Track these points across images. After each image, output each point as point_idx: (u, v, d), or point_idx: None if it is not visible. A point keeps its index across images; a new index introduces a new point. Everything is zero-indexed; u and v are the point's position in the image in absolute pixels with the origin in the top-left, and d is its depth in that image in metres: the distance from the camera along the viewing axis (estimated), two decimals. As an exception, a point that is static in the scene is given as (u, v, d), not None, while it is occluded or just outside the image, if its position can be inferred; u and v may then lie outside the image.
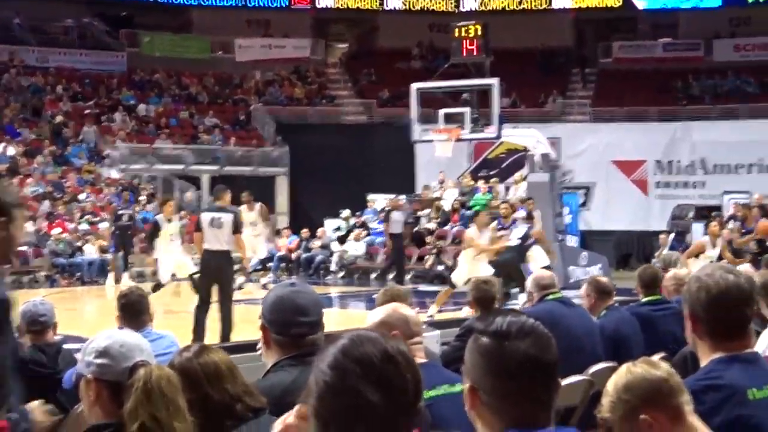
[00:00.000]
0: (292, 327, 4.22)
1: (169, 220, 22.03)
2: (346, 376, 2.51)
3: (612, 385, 3.44)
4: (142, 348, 3.87)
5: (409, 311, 4.84)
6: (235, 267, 16.85)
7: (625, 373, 3.44)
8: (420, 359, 4.64)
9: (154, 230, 21.87)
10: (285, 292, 4.32)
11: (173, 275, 21.99)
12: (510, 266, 20.26)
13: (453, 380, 4.87)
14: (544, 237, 21.94)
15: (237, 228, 15.31)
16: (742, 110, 41.96)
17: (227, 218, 15.23)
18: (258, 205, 24.00)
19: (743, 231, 24.67)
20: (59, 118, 40.13)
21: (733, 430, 3.65)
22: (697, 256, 19.99)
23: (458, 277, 19.75)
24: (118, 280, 27.58)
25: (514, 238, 21.19)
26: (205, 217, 15.51)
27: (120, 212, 28.22)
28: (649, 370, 3.40)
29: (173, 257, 21.78)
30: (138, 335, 4.02)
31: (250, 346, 4.90)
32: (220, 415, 3.84)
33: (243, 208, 23.63)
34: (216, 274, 15.25)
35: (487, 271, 18.35)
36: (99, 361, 3.84)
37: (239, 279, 23.23)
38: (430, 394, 4.62)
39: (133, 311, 7.22)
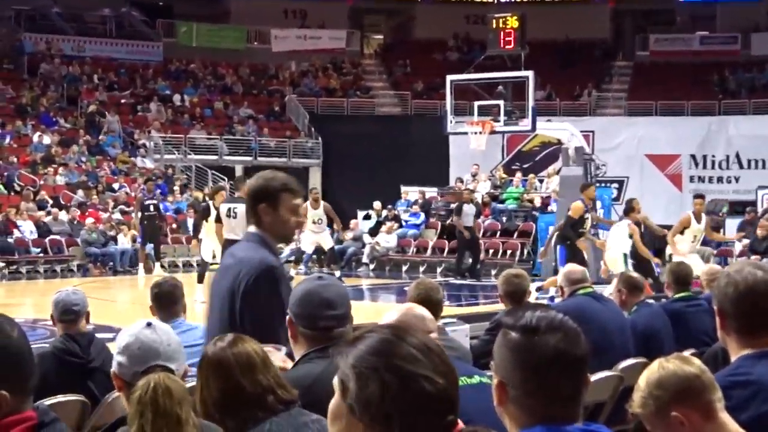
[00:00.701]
0: (319, 320, 4.23)
1: (218, 208, 22.11)
2: (400, 369, 2.50)
3: (644, 380, 3.43)
4: (161, 351, 3.88)
5: (423, 310, 4.83)
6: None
7: (657, 368, 3.42)
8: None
9: (204, 215, 21.86)
10: (312, 286, 4.33)
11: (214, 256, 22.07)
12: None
13: (470, 372, 4.86)
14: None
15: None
16: (779, 105, 41.68)
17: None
18: (323, 203, 24.11)
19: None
20: (92, 107, 40.21)
21: (761, 427, 3.64)
22: (682, 232, 20.05)
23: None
24: (149, 271, 27.67)
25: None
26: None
27: (146, 202, 28.21)
28: (681, 366, 3.39)
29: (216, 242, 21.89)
30: (167, 330, 4.03)
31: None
32: (252, 407, 3.85)
33: (308, 204, 23.70)
34: None
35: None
36: (119, 358, 3.91)
37: (291, 271, 23.42)
38: None
39: (166, 301, 7.25)
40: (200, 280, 20.72)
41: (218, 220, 15.84)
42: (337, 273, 24.43)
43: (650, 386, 3.39)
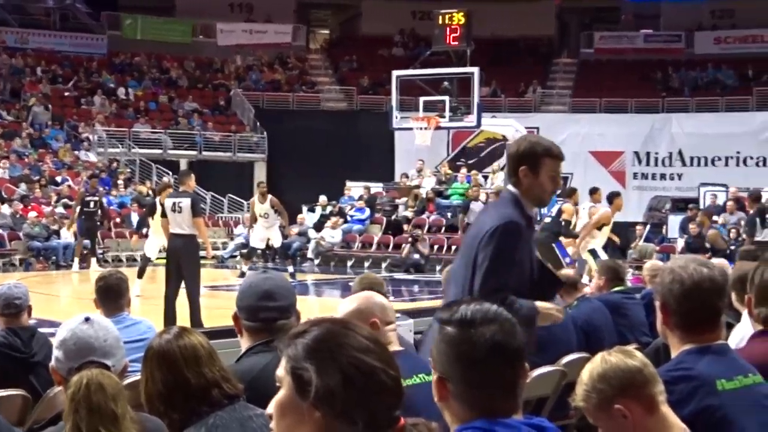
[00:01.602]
0: (260, 312, 4.25)
1: (163, 204, 21.98)
2: (360, 361, 2.49)
3: (587, 374, 3.45)
4: (97, 346, 3.87)
5: (382, 298, 4.83)
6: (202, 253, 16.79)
7: (600, 362, 3.45)
8: (396, 347, 4.64)
9: (150, 211, 21.71)
10: (254, 279, 4.36)
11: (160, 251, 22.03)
12: None
13: (429, 369, 4.85)
14: None
15: (196, 212, 15.33)
16: (721, 103, 42.09)
17: (186, 202, 15.28)
18: (270, 197, 23.96)
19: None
20: (33, 101, 39.86)
21: (702, 421, 3.68)
22: (600, 228, 20.23)
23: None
24: (87, 266, 27.54)
25: None
26: (168, 203, 15.62)
27: (87, 199, 28.02)
28: (624, 359, 3.42)
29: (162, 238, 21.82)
30: (105, 325, 4.00)
31: (228, 332, 4.91)
32: (196, 400, 3.83)
33: (255, 198, 23.64)
34: (180, 258, 15.27)
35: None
36: (56, 353, 3.90)
37: (243, 267, 23.33)
38: (407, 382, 4.53)
39: (111, 295, 7.19)
40: (140, 275, 20.67)
41: (164, 215, 15.77)
42: (290, 269, 24.34)
43: (593, 379, 3.41)
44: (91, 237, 28.15)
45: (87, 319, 3.94)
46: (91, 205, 27.89)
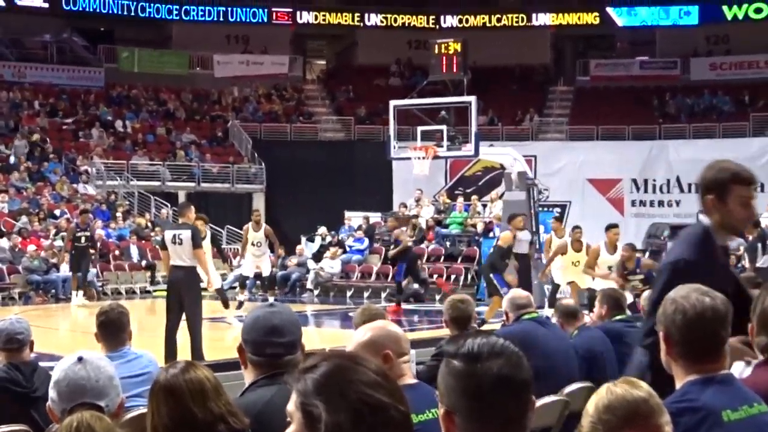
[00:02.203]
0: (267, 347, 4.21)
1: (163, 235, 21.95)
2: (369, 397, 2.49)
3: (592, 405, 3.43)
4: (89, 387, 3.86)
5: (397, 328, 4.81)
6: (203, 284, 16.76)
7: (605, 393, 3.43)
8: (408, 380, 4.62)
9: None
10: (261, 313, 4.30)
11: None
12: None
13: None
14: None
15: (196, 243, 15.31)
16: (718, 129, 42.17)
17: (186, 234, 15.23)
18: (264, 225, 23.89)
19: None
20: (36, 136, 39.92)
21: (709, 453, 3.67)
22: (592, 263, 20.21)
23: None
24: (90, 298, 27.57)
25: None
26: (168, 235, 15.57)
27: (78, 234, 28.00)
28: (629, 390, 3.40)
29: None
30: (98, 365, 3.99)
31: (231, 365, 4.89)
32: (202, 435, 3.83)
33: (250, 226, 23.58)
34: (180, 290, 15.25)
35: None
36: (51, 393, 3.91)
37: (240, 296, 23.21)
38: (420, 418, 4.46)
39: (112, 329, 7.15)
40: None
41: (164, 247, 15.74)
42: (271, 299, 24.13)
43: (599, 411, 3.40)
44: (82, 271, 28.09)
45: (80, 359, 3.92)
46: (82, 240, 27.88)
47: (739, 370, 4.36)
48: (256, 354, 4.23)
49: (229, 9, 50.20)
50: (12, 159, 37.48)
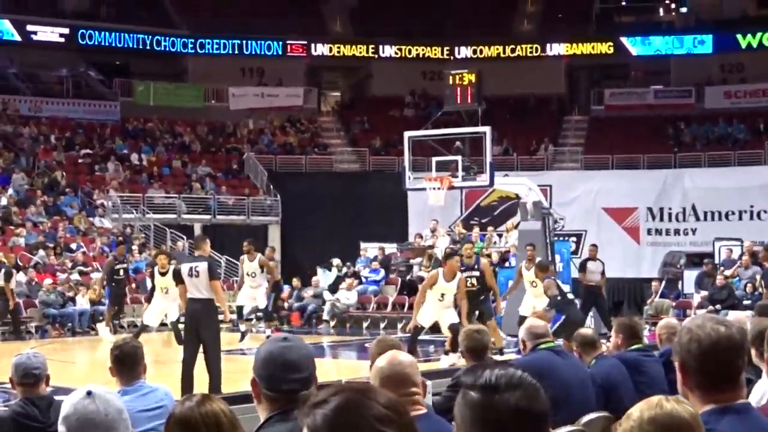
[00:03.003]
0: (283, 383, 4.15)
1: (163, 273, 21.89)
2: None
3: (637, 412, 3.41)
4: (98, 422, 3.84)
5: (410, 358, 4.80)
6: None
7: (655, 404, 3.41)
8: (421, 410, 4.61)
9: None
10: (276, 347, 4.23)
11: (162, 322, 22.04)
12: None
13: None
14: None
15: (213, 275, 15.35)
16: (733, 157, 42.11)
17: (203, 266, 15.28)
18: (259, 255, 23.82)
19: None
20: (57, 173, 40.02)
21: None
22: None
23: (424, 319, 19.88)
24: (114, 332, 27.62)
25: None
26: (184, 268, 15.62)
27: (117, 267, 28.02)
28: (677, 409, 3.39)
29: (163, 303, 21.81)
30: (108, 399, 3.97)
31: (246, 397, 4.84)
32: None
33: (244, 257, 23.55)
34: (198, 323, 15.26)
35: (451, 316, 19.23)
36: (61, 428, 3.88)
37: (241, 327, 23.15)
38: None
39: (127, 363, 7.15)
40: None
41: (181, 281, 15.77)
42: (268, 331, 23.94)
43: (642, 420, 3.37)
44: (120, 305, 28.17)
45: (89, 393, 3.91)
46: (121, 272, 27.90)
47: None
48: (271, 389, 4.17)
49: (244, 42, 50.35)
50: (11, 191, 37.46)
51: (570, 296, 20.89)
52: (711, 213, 40.11)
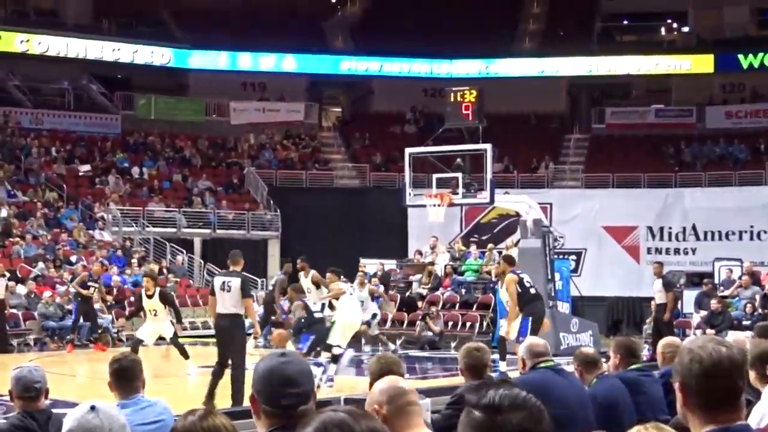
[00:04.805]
0: (281, 398, 4.14)
1: (149, 296, 21.53)
2: None
3: None
4: None
5: (403, 383, 4.80)
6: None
7: None
8: (420, 429, 4.61)
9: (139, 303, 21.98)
10: (273, 363, 4.22)
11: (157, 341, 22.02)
12: None
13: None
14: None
15: (245, 292, 15.52)
16: (734, 177, 42.13)
17: (236, 282, 15.49)
18: (312, 272, 23.87)
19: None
20: (52, 194, 40.00)
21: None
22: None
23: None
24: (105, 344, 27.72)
25: None
26: (217, 282, 15.85)
27: (88, 283, 28.27)
28: None
29: (153, 325, 21.51)
30: (111, 414, 3.96)
31: (249, 413, 4.82)
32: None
33: (301, 274, 23.56)
34: (225, 338, 15.51)
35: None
36: None
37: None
38: None
39: (126, 377, 7.13)
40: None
41: (212, 293, 15.92)
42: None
43: None
44: (91, 319, 28.44)
45: (92, 408, 3.90)
46: (91, 290, 28.21)
47: None
48: (270, 405, 4.16)
49: (246, 56, 50.33)
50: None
51: (319, 315, 20.86)
52: (711, 233, 40.13)
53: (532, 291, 20.93)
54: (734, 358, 3.92)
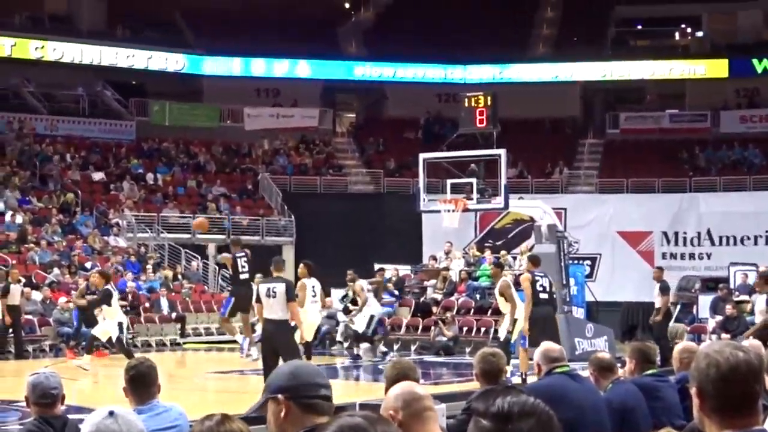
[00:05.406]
0: (319, 389, 4.01)
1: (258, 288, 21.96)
2: None
3: None
4: None
5: (418, 388, 4.79)
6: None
7: None
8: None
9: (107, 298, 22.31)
10: (297, 362, 4.25)
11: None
12: None
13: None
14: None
15: (290, 297, 15.73)
16: (749, 182, 42.05)
17: (281, 288, 15.84)
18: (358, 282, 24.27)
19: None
20: (69, 195, 40.06)
21: None
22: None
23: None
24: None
25: None
26: (262, 288, 16.10)
27: (87, 294, 28.35)
28: None
29: (103, 324, 22.13)
30: (130, 420, 3.95)
31: (261, 419, 4.77)
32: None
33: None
34: (274, 343, 15.68)
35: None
36: None
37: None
38: None
39: (142, 383, 7.14)
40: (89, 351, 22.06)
41: (258, 300, 16.17)
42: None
43: None
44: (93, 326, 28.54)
45: (111, 413, 3.89)
46: (85, 300, 28.29)
47: None
48: (305, 398, 4.01)
49: (260, 62, 50.37)
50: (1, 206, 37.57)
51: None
52: (726, 238, 40.04)
53: (542, 296, 20.86)
54: (751, 362, 3.91)
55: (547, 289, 21.02)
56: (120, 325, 22.37)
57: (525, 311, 20.21)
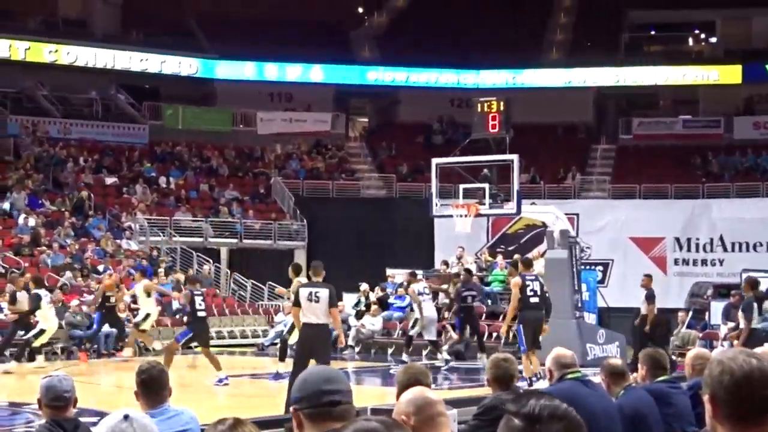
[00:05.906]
0: (323, 396, 4.04)
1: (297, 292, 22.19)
2: None
3: None
4: None
5: (430, 393, 4.78)
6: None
7: None
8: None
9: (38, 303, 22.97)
10: (307, 371, 4.27)
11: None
12: None
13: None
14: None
15: (333, 302, 15.77)
16: (762, 188, 41.97)
17: (324, 293, 15.87)
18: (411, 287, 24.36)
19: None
20: (83, 192, 40.16)
21: None
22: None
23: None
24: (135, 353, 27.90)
25: None
26: (304, 292, 16.05)
27: (108, 294, 28.48)
28: None
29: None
30: (144, 423, 3.95)
31: (276, 422, 4.76)
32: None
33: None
34: (311, 347, 15.70)
35: None
36: None
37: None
38: None
39: (153, 387, 7.15)
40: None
41: (297, 303, 16.16)
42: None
43: None
44: (118, 327, 28.75)
45: (126, 417, 3.89)
46: (112, 300, 28.41)
47: None
48: (314, 406, 4.06)
49: (273, 67, 50.46)
50: (6, 205, 37.62)
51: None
52: (739, 244, 39.97)
53: (533, 300, 20.97)
54: (765, 370, 3.90)
55: (538, 293, 21.11)
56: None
57: (509, 313, 20.42)
